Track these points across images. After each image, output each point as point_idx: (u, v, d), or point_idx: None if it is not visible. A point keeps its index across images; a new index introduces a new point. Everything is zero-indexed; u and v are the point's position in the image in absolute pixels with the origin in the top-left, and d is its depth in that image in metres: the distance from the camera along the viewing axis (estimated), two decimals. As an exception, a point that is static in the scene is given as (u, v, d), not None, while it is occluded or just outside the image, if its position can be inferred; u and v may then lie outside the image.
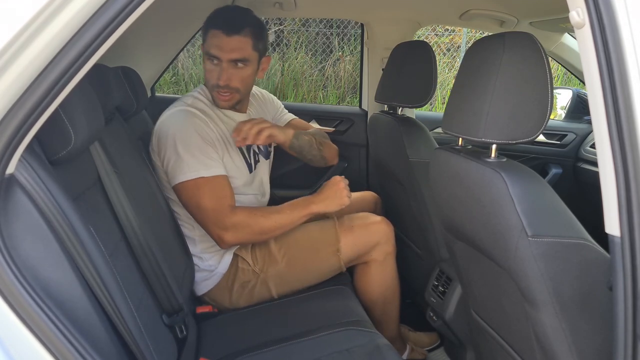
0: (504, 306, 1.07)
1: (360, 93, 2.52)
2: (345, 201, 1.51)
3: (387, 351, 1.22)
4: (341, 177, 1.55)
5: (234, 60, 1.44)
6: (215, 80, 1.46)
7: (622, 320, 0.75)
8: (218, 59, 1.44)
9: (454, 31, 5.83)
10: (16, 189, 0.74)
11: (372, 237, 1.58)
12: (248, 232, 1.44)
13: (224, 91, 1.48)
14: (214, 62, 1.45)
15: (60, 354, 0.72)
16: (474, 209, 1.01)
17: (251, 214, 1.45)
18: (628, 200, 0.72)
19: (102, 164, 1.08)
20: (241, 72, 1.47)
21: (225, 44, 1.42)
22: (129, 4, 0.69)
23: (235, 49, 1.42)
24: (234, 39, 1.42)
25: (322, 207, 1.49)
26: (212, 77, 1.47)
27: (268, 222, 1.45)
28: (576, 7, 0.73)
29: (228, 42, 1.41)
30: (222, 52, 1.42)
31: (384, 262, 1.60)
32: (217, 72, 1.45)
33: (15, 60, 0.68)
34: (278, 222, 1.46)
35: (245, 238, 1.47)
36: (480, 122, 0.94)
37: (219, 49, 1.42)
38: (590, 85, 0.75)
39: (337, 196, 1.51)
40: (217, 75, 1.45)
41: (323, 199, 1.50)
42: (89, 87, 0.96)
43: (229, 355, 1.26)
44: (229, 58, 1.43)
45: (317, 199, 1.51)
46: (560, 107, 2.52)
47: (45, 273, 0.75)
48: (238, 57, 1.44)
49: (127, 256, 1.09)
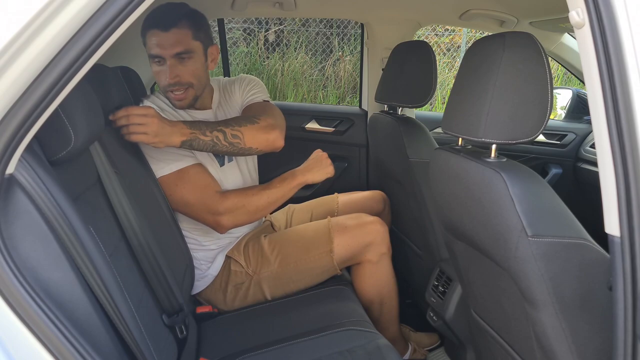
0: (504, 306, 1.07)
1: (360, 93, 2.52)
2: (330, 170, 1.56)
3: (388, 351, 1.22)
4: (322, 151, 1.61)
5: (177, 54, 1.38)
6: (164, 80, 1.41)
7: (622, 321, 0.75)
8: (161, 58, 1.39)
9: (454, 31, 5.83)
10: (16, 189, 0.74)
11: (366, 237, 1.56)
12: (243, 213, 1.44)
13: (176, 89, 1.43)
14: (159, 62, 1.40)
15: (60, 354, 0.72)
16: (473, 209, 1.01)
17: (243, 194, 1.45)
18: (628, 201, 0.72)
19: (102, 164, 1.08)
20: (188, 66, 1.42)
21: (164, 41, 1.37)
22: (129, 4, 0.69)
23: (175, 43, 1.37)
24: (171, 33, 1.37)
25: (309, 176, 1.52)
26: (161, 78, 1.42)
27: (261, 199, 1.46)
28: (576, 7, 0.74)
29: (166, 37, 1.37)
30: (163, 49, 1.37)
31: (378, 263, 1.58)
32: (164, 72, 1.41)
33: (15, 60, 0.68)
34: (271, 197, 1.47)
35: (241, 219, 1.46)
36: (480, 122, 0.94)
37: (159, 47, 1.37)
38: (590, 85, 0.75)
39: (322, 166, 1.55)
40: (165, 74, 1.40)
41: (309, 169, 1.54)
42: (88, 87, 0.96)
43: (229, 355, 1.26)
44: (171, 53, 1.38)
45: (303, 170, 1.54)
46: (560, 107, 2.52)
47: (46, 273, 0.75)
48: (180, 50, 1.38)
49: (127, 256, 1.09)
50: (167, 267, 1.20)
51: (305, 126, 2.40)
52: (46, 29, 0.67)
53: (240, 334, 1.38)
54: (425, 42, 1.64)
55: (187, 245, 1.51)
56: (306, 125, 2.40)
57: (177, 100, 1.46)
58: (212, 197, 1.41)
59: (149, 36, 1.39)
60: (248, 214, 1.46)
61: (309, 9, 2.19)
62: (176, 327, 1.20)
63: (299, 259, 1.54)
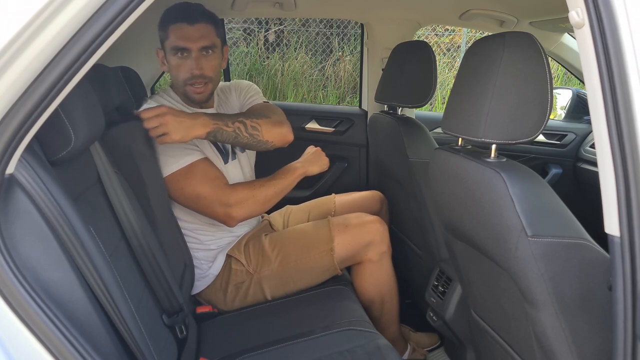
0: (504, 306, 1.07)
1: (360, 93, 2.52)
2: (325, 162, 1.63)
3: (388, 351, 1.22)
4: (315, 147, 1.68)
5: (203, 47, 1.41)
6: (187, 72, 1.43)
7: (621, 321, 0.75)
8: (187, 50, 1.41)
9: (454, 31, 5.83)
10: (16, 189, 0.74)
11: (367, 236, 1.57)
12: (253, 203, 1.45)
13: (198, 82, 1.44)
14: (183, 54, 1.42)
15: (60, 354, 0.72)
16: (473, 209, 1.01)
17: (251, 186, 1.48)
18: (628, 201, 0.72)
19: (102, 164, 1.08)
20: (211, 60, 1.45)
21: (191, 33, 1.39)
22: (129, 4, 0.69)
23: (201, 36, 1.40)
24: (198, 26, 1.40)
25: (309, 168, 1.58)
26: (183, 70, 1.43)
27: (269, 190, 1.48)
28: (576, 7, 0.73)
29: (193, 30, 1.39)
30: (190, 42, 1.40)
31: (379, 262, 1.59)
32: (188, 64, 1.42)
33: (15, 60, 0.68)
34: (276, 187, 1.49)
35: (252, 209, 1.47)
36: (480, 122, 0.94)
37: (186, 39, 1.39)
38: (590, 85, 0.75)
39: (318, 159, 1.62)
40: (190, 66, 1.42)
41: (306, 162, 1.60)
42: (89, 87, 0.96)
43: (229, 355, 1.26)
44: (199, 46, 1.41)
45: (303, 162, 1.60)
46: (560, 107, 2.52)
47: (46, 273, 0.75)
48: (207, 44, 1.42)
49: (127, 256, 1.09)
50: (167, 267, 1.20)
51: (305, 126, 2.40)
52: (46, 29, 0.67)
53: (240, 334, 1.38)
54: (425, 42, 1.64)
55: (187, 245, 1.51)
56: (306, 125, 2.40)
57: (196, 93, 1.47)
58: (222, 189, 1.43)
59: (173, 29, 1.41)
60: (257, 204, 1.47)
61: (309, 9, 2.19)
62: (176, 327, 1.20)
63: (299, 257, 1.54)
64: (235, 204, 1.42)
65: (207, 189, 1.42)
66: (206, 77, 1.45)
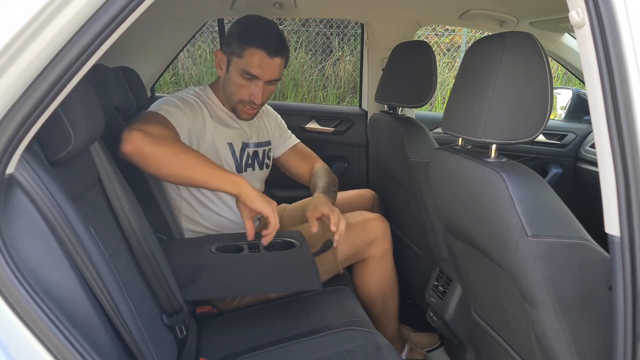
0: (504, 306, 1.07)
1: (360, 93, 2.52)
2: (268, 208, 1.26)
3: (388, 351, 1.22)
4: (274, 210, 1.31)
5: (271, 80, 1.48)
6: (247, 95, 1.49)
7: (621, 321, 0.75)
8: (257, 79, 1.46)
9: (454, 31, 5.83)
10: (16, 189, 0.74)
11: (369, 234, 1.58)
12: (160, 148, 1.21)
13: (254, 106, 1.52)
14: (251, 80, 1.46)
15: (60, 354, 0.72)
16: (473, 209, 1.01)
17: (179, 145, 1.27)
18: (628, 201, 0.72)
19: (102, 164, 1.08)
20: (271, 89, 1.53)
21: (267, 65, 1.44)
22: (129, 4, 0.69)
23: (274, 70, 1.47)
24: (275, 61, 1.45)
25: (250, 190, 1.25)
26: (244, 92, 1.49)
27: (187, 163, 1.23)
28: (576, 7, 0.74)
29: (270, 63, 1.44)
30: (264, 73, 1.45)
31: (381, 259, 1.60)
32: (251, 90, 1.48)
33: (15, 60, 0.68)
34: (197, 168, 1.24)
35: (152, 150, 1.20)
36: (480, 122, 0.94)
37: (261, 69, 1.44)
38: (590, 85, 0.75)
39: (264, 200, 1.27)
40: (252, 92, 1.48)
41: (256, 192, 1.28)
42: (89, 87, 0.96)
43: (229, 355, 1.26)
44: (268, 78, 1.47)
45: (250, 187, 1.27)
46: (560, 107, 2.52)
47: (45, 273, 0.75)
48: (275, 78, 1.49)
49: (127, 256, 1.09)
50: (167, 267, 1.20)
51: (305, 126, 2.40)
52: (46, 29, 0.67)
53: (240, 334, 1.38)
54: (425, 42, 1.64)
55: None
56: (306, 125, 2.41)
57: (248, 114, 1.55)
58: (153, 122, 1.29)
59: (252, 53, 1.43)
60: (163, 155, 1.21)
61: (309, 9, 2.19)
62: (176, 327, 1.20)
63: None
64: (147, 131, 1.21)
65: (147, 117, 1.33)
66: (262, 104, 1.54)
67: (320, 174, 1.75)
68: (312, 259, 1.33)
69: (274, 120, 1.81)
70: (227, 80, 1.51)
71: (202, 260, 1.30)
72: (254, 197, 1.25)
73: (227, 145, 1.55)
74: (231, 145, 1.56)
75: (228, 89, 1.52)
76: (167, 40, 2.10)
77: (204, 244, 1.38)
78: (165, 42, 2.11)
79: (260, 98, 1.49)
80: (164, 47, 2.12)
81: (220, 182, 1.25)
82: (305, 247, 1.39)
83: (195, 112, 1.47)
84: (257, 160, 1.67)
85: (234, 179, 1.26)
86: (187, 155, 1.25)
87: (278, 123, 1.82)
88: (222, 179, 1.25)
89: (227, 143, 1.54)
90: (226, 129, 1.55)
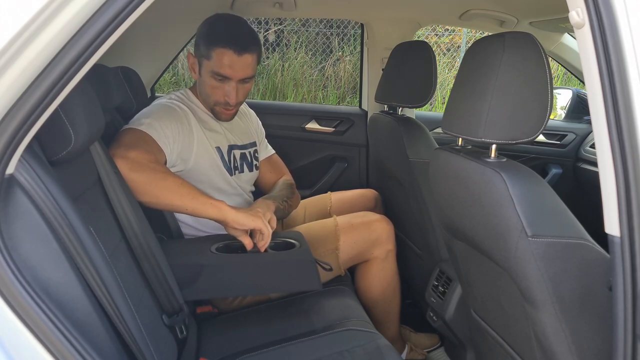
0: (504, 306, 1.07)
1: (360, 93, 2.52)
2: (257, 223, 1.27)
3: (388, 351, 1.22)
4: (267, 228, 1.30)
5: (244, 78, 1.44)
6: (222, 97, 1.45)
7: (621, 320, 0.75)
8: (228, 79, 1.42)
9: (454, 31, 5.83)
10: (16, 189, 0.74)
11: (372, 234, 1.58)
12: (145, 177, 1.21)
13: (230, 107, 1.48)
14: (222, 80, 1.42)
15: (60, 354, 0.72)
16: (473, 209, 1.01)
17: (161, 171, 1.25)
18: (628, 201, 0.72)
19: (102, 164, 1.08)
20: (246, 88, 1.48)
21: (236, 64, 1.39)
22: (129, 4, 0.69)
23: (245, 68, 1.41)
24: (243, 57, 1.40)
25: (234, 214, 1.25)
26: (217, 94, 1.45)
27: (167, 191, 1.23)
28: (576, 7, 0.74)
29: (239, 61, 1.39)
30: (234, 72, 1.40)
31: (385, 260, 1.60)
32: (225, 90, 1.44)
33: (15, 60, 0.68)
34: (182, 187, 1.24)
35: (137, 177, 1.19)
36: (480, 122, 0.94)
37: (230, 68, 1.39)
38: (590, 85, 0.75)
39: (251, 215, 1.28)
40: (226, 93, 1.44)
41: (237, 210, 1.28)
42: (89, 87, 0.96)
43: (229, 355, 1.26)
44: (240, 77, 1.42)
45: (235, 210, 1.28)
46: (560, 107, 2.52)
47: (45, 273, 0.75)
48: (248, 76, 1.44)
49: (127, 256, 1.09)
50: (167, 267, 1.20)
51: (305, 126, 2.40)
52: (46, 29, 0.67)
53: (241, 333, 1.38)
54: (425, 42, 1.64)
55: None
56: (306, 125, 2.40)
57: (226, 115, 1.52)
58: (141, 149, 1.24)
59: (220, 53, 1.39)
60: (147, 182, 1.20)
61: (309, 9, 2.19)
62: (176, 327, 1.20)
63: None
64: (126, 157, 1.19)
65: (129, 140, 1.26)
66: (238, 104, 1.49)
67: (281, 185, 1.70)
68: (312, 259, 1.33)
69: (257, 123, 1.79)
70: (201, 83, 1.48)
71: (202, 260, 1.30)
72: (240, 218, 1.25)
73: (215, 150, 1.52)
74: (219, 149, 1.53)
75: (203, 92, 1.49)
76: (167, 40, 2.10)
77: (204, 244, 1.38)
78: (165, 42, 2.10)
79: (234, 98, 1.44)
80: (164, 47, 2.12)
81: (202, 209, 1.25)
82: (305, 247, 1.39)
83: (180, 120, 1.42)
84: (246, 162, 1.65)
85: (215, 204, 1.25)
86: (165, 182, 1.23)
87: (260, 129, 1.79)
88: (204, 205, 1.25)
89: (215, 147, 1.52)
90: (212, 133, 1.52)
